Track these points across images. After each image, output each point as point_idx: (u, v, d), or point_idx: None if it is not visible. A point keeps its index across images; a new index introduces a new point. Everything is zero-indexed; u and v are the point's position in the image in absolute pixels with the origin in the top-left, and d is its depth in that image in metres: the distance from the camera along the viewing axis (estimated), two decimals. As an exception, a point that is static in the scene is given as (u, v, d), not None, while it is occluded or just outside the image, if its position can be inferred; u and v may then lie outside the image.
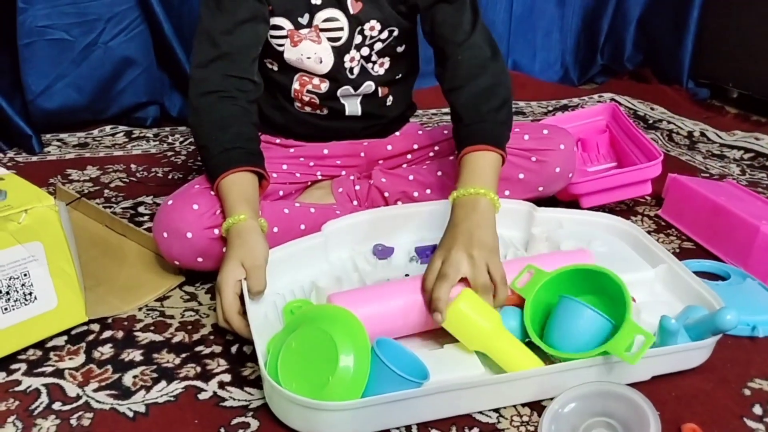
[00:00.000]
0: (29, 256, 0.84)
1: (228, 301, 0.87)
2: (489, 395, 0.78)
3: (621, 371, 0.80)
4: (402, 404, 0.74)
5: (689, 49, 2.06)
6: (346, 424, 0.74)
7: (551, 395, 0.78)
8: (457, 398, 0.77)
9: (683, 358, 0.84)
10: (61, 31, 1.62)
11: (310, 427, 0.74)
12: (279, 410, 0.76)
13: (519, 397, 0.80)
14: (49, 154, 1.61)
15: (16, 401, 0.80)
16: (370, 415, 0.74)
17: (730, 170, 1.54)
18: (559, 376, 0.79)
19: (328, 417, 0.73)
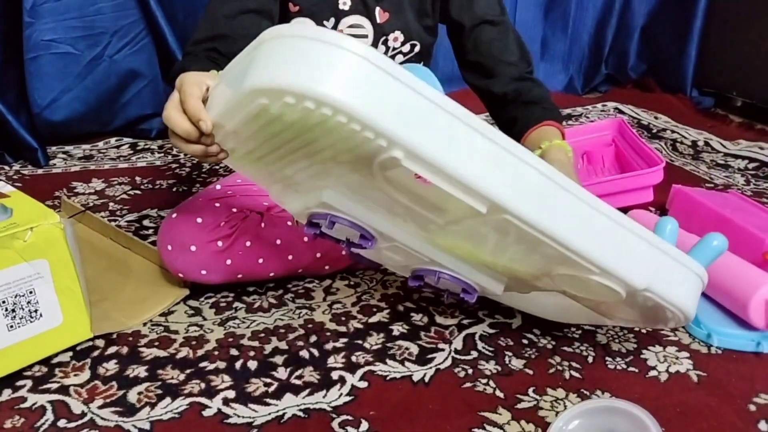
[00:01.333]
0: (35, 274, 0.85)
1: (190, 87, 0.75)
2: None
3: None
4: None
5: (693, 58, 2.07)
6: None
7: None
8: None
9: (677, 277, 0.77)
10: (66, 45, 1.63)
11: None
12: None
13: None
14: (55, 166, 1.62)
15: (22, 418, 0.80)
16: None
17: (734, 180, 1.53)
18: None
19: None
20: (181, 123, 0.75)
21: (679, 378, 0.87)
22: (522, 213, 0.68)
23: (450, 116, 0.65)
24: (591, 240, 0.72)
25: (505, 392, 0.84)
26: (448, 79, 2.04)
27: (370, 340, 0.94)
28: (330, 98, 0.59)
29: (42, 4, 1.57)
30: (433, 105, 0.64)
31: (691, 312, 0.78)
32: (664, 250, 0.75)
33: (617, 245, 0.73)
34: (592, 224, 0.72)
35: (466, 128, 0.65)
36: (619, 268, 0.73)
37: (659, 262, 0.75)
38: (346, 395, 0.84)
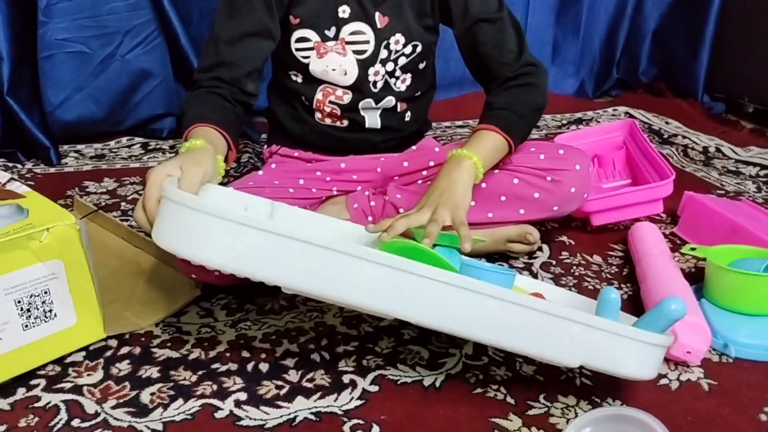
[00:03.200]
0: (50, 274, 0.85)
1: (150, 189, 0.82)
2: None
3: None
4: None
5: (704, 63, 2.06)
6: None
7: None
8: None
9: (616, 348, 0.77)
10: (80, 44, 1.64)
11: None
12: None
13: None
14: (67, 165, 1.63)
15: (36, 417, 0.81)
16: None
17: (745, 187, 1.53)
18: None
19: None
20: (144, 225, 0.84)
21: (690, 386, 0.87)
22: (427, 323, 0.76)
23: (331, 252, 0.73)
24: (508, 333, 0.76)
25: (516, 398, 0.84)
26: (458, 81, 2.05)
27: (381, 344, 0.95)
28: (206, 263, 0.75)
29: (56, 4, 1.58)
30: (313, 246, 0.73)
31: (644, 376, 0.79)
32: (599, 327, 0.76)
33: (541, 334, 0.76)
34: (507, 318, 0.75)
35: (345, 258, 0.73)
36: (546, 354, 0.77)
37: (593, 340, 0.76)
38: (357, 399, 0.84)
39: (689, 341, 0.89)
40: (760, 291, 0.98)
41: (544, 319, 0.75)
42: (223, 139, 1.00)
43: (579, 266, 1.18)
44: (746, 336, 0.93)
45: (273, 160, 1.26)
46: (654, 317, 0.79)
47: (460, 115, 2.00)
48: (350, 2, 1.09)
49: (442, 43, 1.24)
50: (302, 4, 1.10)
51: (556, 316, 0.75)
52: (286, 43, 1.13)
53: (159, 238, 0.77)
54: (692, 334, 0.89)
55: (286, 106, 1.22)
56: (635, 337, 0.77)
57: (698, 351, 0.90)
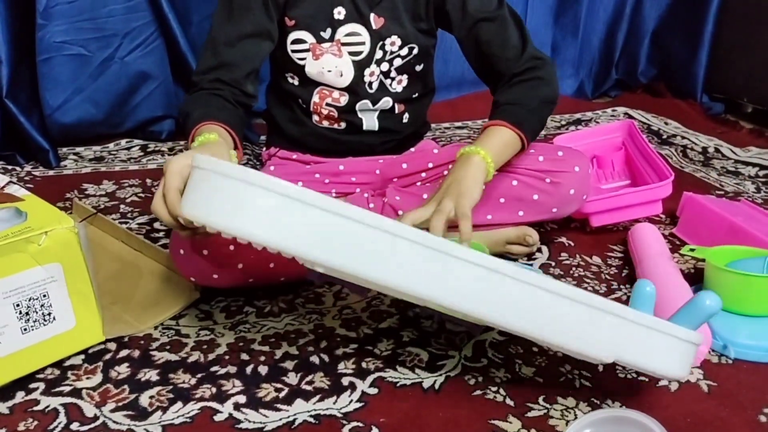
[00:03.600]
0: (49, 278, 0.85)
1: (171, 178, 0.80)
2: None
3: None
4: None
5: (703, 63, 2.06)
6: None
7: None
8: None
9: (652, 344, 0.75)
10: (78, 47, 1.64)
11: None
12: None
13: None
14: (66, 168, 1.63)
15: (35, 421, 0.81)
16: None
17: (744, 188, 1.53)
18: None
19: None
20: (164, 216, 0.81)
21: (689, 388, 0.87)
22: (461, 307, 0.72)
23: (367, 228, 0.68)
24: (545, 324, 0.73)
25: (515, 400, 0.84)
26: (457, 82, 2.06)
27: (380, 346, 0.95)
28: (242, 233, 0.68)
29: (54, 6, 1.58)
30: (350, 221, 0.67)
31: (676, 374, 0.77)
32: (634, 320, 0.74)
33: (574, 325, 0.73)
34: (546, 308, 0.72)
35: (392, 238, 0.68)
36: (579, 348, 0.74)
37: (627, 333, 0.74)
38: (356, 401, 0.84)
39: None
40: (759, 292, 0.98)
41: (579, 308, 0.72)
42: (231, 137, 0.99)
43: (578, 267, 1.18)
44: (745, 337, 0.93)
45: (272, 163, 1.26)
46: (689, 312, 0.77)
47: (459, 116, 2.00)
48: (345, 3, 1.10)
49: (441, 45, 1.24)
50: (297, 5, 1.10)
51: (591, 307, 0.72)
52: (282, 45, 1.13)
53: (192, 210, 0.71)
54: None
55: (284, 109, 1.22)
56: (673, 332, 0.74)
57: (699, 352, 0.90)
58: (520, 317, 0.72)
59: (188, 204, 0.72)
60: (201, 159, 0.71)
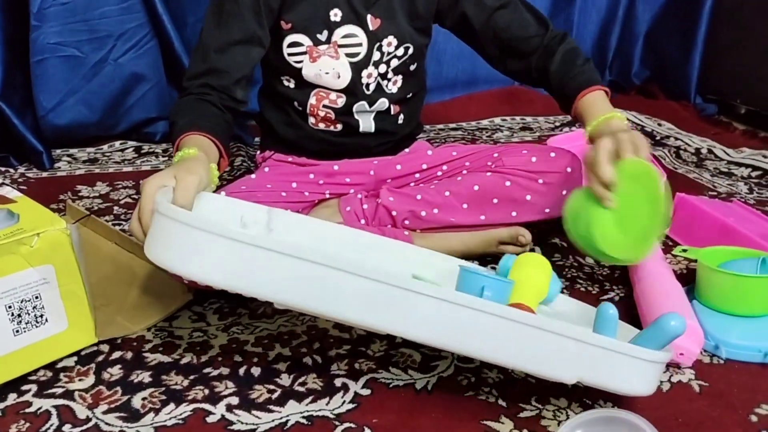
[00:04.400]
0: (41, 279, 0.85)
1: (145, 201, 0.82)
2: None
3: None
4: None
5: (697, 64, 2.07)
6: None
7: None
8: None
9: (614, 365, 0.76)
10: (72, 48, 1.64)
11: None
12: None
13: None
14: (60, 169, 1.63)
15: (27, 423, 0.81)
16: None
17: (737, 188, 1.54)
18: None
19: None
20: (141, 237, 0.84)
21: (681, 388, 0.88)
22: (417, 338, 0.75)
23: (321, 267, 0.71)
24: (505, 350, 0.75)
25: (507, 401, 0.84)
26: (451, 84, 2.06)
27: (373, 347, 0.95)
28: (199, 278, 0.74)
29: (48, 8, 1.58)
30: (303, 262, 0.71)
31: (643, 392, 0.78)
32: (596, 344, 0.75)
33: (536, 350, 0.75)
34: (507, 335, 0.74)
35: (336, 273, 0.72)
36: (542, 370, 0.76)
37: (590, 356, 0.75)
38: (349, 402, 0.84)
39: (683, 343, 0.89)
40: (751, 292, 0.98)
41: (539, 335, 0.74)
42: (215, 146, 1.00)
43: (571, 268, 1.18)
44: (737, 337, 0.94)
45: (266, 164, 1.26)
46: (653, 333, 0.78)
47: (452, 117, 2.01)
48: (341, 5, 1.10)
49: (435, 46, 1.24)
50: (293, 9, 1.10)
51: (551, 333, 0.74)
52: (278, 49, 1.13)
53: (151, 253, 0.76)
54: (686, 336, 0.90)
55: (279, 112, 1.22)
56: (633, 354, 0.76)
57: (691, 353, 0.90)
58: (481, 345, 0.75)
59: (149, 248, 0.77)
60: (160, 204, 0.75)
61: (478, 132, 1.94)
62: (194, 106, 1.05)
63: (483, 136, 1.90)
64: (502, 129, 1.97)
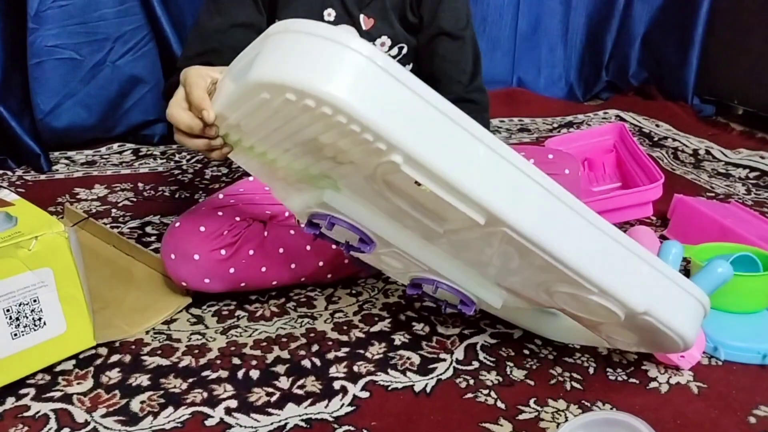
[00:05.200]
0: (39, 283, 0.85)
1: (195, 79, 0.76)
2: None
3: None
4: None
5: (694, 65, 2.07)
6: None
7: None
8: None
9: (677, 301, 0.75)
10: (70, 51, 1.64)
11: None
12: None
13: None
14: (57, 172, 1.62)
15: (26, 427, 0.80)
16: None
17: (735, 189, 1.54)
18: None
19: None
20: (184, 117, 0.76)
21: (679, 389, 0.88)
22: (520, 227, 0.68)
23: (453, 124, 0.64)
24: (591, 259, 0.71)
25: (506, 403, 0.84)
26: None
27: (371, 350, 0.95)
28: (329, 98, 0.59)
29: (45, 10, 1.58)
30: (437, 112, 0.63)
31: (691, 338, 0.77)
32: (667, 275, 0.74)
33: (617, 266, 0.72)
34: (593, 243, 0.71)
35: (469, 137, 0.65)
36: (618, 290, 0.73)
37: (660, 286, 0.74)
38: (347, 405, 0.84)
39: None
40: (743, 290, 0.99)
41: (621, 251, 0.71)
42: None
43: (569, 270, 1.18)
44: (735, 339, 0.94)
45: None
46: (704, 277, 0.79)
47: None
48: (335, 5, 1.10)
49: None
50: (287, 7, 1.10)
51: (632, 252, 0.72)
52: None
53: (268, 70, 0.63)
54: None
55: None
56: (694, 293, 0.75)
57: (692, 357, 0.90)
58: (574, 250, 0.70)
59: (259, 70, 0.63)
60: (284, 23, 0.65)
61: (476, 133, 1.94)
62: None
63: (481, 137, 1.90)
64: (500, 130, 1.98)
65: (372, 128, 0.60)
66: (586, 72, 2.29)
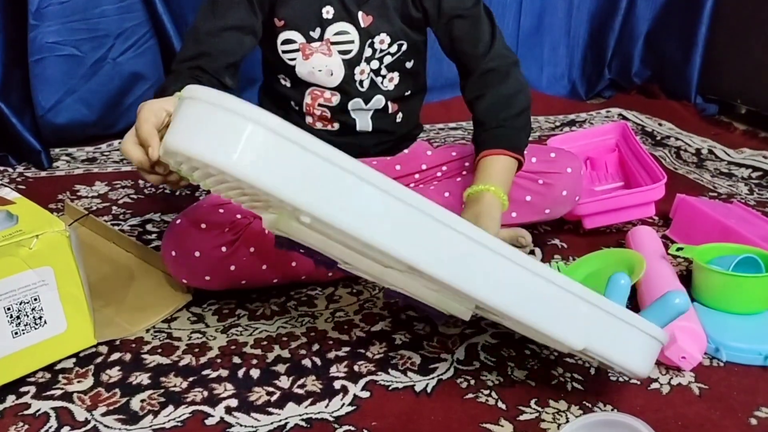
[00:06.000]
0: (40, 281, 0.85)
1: (146, 114, 0.78)
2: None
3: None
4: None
5: (697, 64, 2.07)
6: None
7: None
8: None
9: (622, 336, 0.75)
10: (71, 47, 1.64)
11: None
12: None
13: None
14: (58, 169, 1.62)
15: (26, 425, 0.80)
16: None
17: (738, 189, 1.53)
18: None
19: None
20: (133, 153, 0.79)
21: (680, 390, 0.87)
22: (439, 275, 0.69)
23: (363, 183, 0.66)
24: (519, 300, 0.71)
25: (507, 403, 0.84)
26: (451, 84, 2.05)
27: (372, 349, 0.95)
28: (228, 168, 0.62)
29: (46, 7, 1.58)
30: (344, 172, 0.65)
31: (640, 371, 0.77)
32: (609, 311, 0.74)
33: (550, 306, 0.72)
34: (522, 285, 0.71)
35: (380, 194, 0.66)
36: (552, 329, 0.73)
37: (602, 323, 0.74)
38: (348, 405, 0.84)
39: (686, 346, 0.89)
40: (745, 291, 0.99)
41: (557, 292, 0.71)
42: None
43: (571, 270, 1.18)
44: (737, 340, 0.93)
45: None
46: (657, 310, 0.78)
47: (453, 117, 2.00)
48: (333, 2, 1.09)
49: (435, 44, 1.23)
50: (285, 6, 1.10)
51: (568, 292, 0.72)
52: (272, 46, 1.13)
53: (178, 141, 0.66)
54: (689, 340, 0.89)
55: (277, 111, 1.21)
56: (641, 327, 0.75)
57: (693, 358, 0.90)
58: (501, 293, 0.71)
59: (172, 136, 0.67)
60: (194, 89, 0.67)
61: (478, 132, 1.93)
62: (187, 81, 1.02)
63: (483, 135, 1.90)
64: (501, 129, 1.97)
65: (274, 194, 0.64)
66: (588, 70, 2.29)
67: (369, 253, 0.74)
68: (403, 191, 0.67)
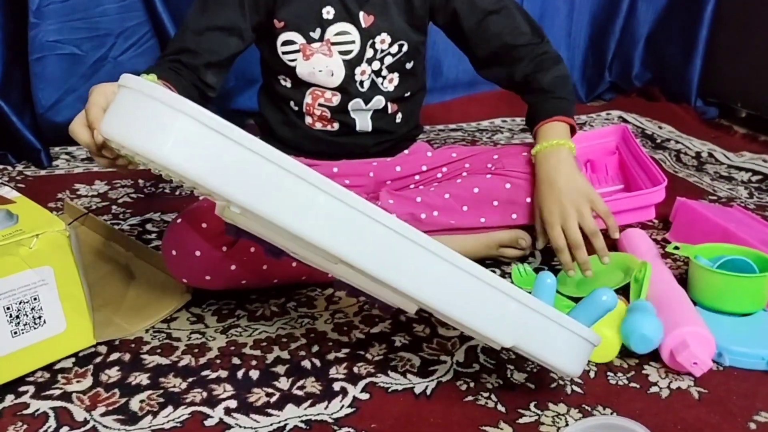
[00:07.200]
0: (39, 281, 0.85)
1: (96, 97, 0.78)
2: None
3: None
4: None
5: (698, 67, 2.06)
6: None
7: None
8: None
9: (551, 335, 0.76)
10: (71, 46, 1.63)
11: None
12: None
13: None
14: (58, 167, 1.62)
15: (25, 425, 0.80)
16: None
17: (737, 193, 1.53)
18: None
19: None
20: (81, 134, 0.79)
21: (680, 394, 0.87)
22: (365, 267, 0.70)
23: (288, 174, 0.67)
24: (448, 296, 0.72)
25: (506, 406, 0.84)
26: (452, 85, 2.05)
27: (372, 351, 0.95)
28: (157, 157, 0.64)
29: (47, 5, 1.58)
30: (269, 163, 0.66)
31: (570, 370, 0.78)
32: (538, 310, 0.75)
33: (479, 303, 0.73)
34: (450, 281, 0.72)
35: (305, 185, 0.67)
36: (480, 326, 0.74)
37: (531, 321, 0.75)
38: (347, 407, 0.84)
39: (698, 351, 0.89)
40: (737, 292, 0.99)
41: (486, 290, 0.73)
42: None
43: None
44: (740, 344, 0.93)
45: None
46: (585, 309, 0.80)
47: (453, 118, 2.00)
48: (334, 3, 1.10)
49: (436, 46, 1.24)
50: (286, 7, 1.10)
51: (497, 290, 0.73)
52: (273, 48, 1.13)
53: (111, 129, 0.68)
54: (701, 346, 0.89)
55: (277, 111, 1.22)
56: (570, 326, 0.76)
57: (704, 363, 0.89)
58: (432, 290, 0.72)
59: (107, 123, 0.69)
60: (129, 78, 0.68)
61: (479, 133, 1.94)
62: (165, 68, 1.04)
63: (483, 137, 1.90)
64: (502, 130, 1.97)
65: (202, 184, 0.65)
66: (589, 73, 2.29)
67: (302, 244, 0.75)
68: (329, 184, 0.68)
